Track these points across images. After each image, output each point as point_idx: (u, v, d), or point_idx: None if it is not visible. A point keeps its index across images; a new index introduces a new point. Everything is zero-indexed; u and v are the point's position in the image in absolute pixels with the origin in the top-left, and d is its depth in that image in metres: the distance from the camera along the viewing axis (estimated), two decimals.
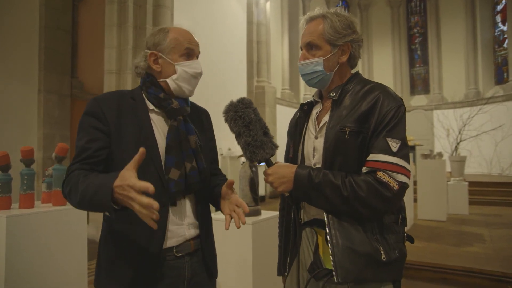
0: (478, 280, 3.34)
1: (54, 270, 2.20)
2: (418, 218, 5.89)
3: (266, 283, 2.45)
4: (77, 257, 2.32)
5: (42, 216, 2.16)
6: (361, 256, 1.08)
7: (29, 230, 2.09)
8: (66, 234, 2.26)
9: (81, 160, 1.16)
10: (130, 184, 0.94)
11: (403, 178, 1.10)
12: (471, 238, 4.60)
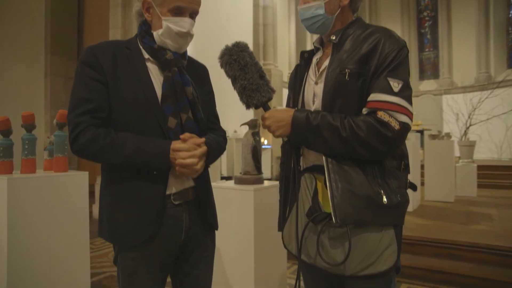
0: (485, 255, 3.30)
1: (56, 233, 2.21)
2: (425, 199, 5.84)
3: (267, 250, 2.45)
4: (78, 222, 2.33)
5: (44, 181, 2.16)
6: (361, 199, 1.05)
7: (30, 194, 2.09)
8: (67, 199, 2.26)
9: (88, 112, 1.15)
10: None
11: (404, 118, 1.06)
12: (478, 218, 4.54)
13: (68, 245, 2.28)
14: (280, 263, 2.60)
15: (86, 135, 1.13)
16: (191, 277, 1.33)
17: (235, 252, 2.41)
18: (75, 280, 2.33)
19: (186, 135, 1.18)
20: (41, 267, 2.15)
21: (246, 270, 2.35)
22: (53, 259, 2.21)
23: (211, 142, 1.27)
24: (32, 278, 2.12)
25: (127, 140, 1.15)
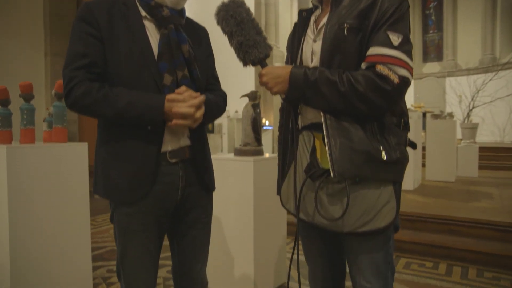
0: (485, 231, 3.31)
1: (56, 203, 2.21)
2: (426, 179, 5.84)
3: (267, 221, 2.46)
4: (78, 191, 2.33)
5: (43, 151, 2.15)
6: (360, 154, 1.04)
7: (30, 164, 2.09)
8: (67, 170, 2.26)
9: (83, 67, 1.13)
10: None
11: (404, 72, 1.03)
12: (479, 196, 4.54)
13: (69, 216, 2.29)
14: (279, 235, 2.62)
15: (80, 89, 1.12)
16: (188, 238, 1.34)
17: (235, 223, 2.41)
18: (77, 252, 2.35)
19: (181, 88, 1.16)
20: (43, 237, 2.17)
21: (246, 241, 2.36)
22: (54, 229, 2.22)
23: (208, 99, 1.25)
24: (34, 247, 2.13)
25: (121, 93, 1.13)
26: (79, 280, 2.38)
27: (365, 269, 1.13)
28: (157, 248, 1.29)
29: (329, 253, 1.30)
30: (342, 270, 1.35)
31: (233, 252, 2.44)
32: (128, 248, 1.21)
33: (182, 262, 1.37)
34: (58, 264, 2.25)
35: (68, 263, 2.30)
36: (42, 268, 2.18)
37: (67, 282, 2.31)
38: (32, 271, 2.14)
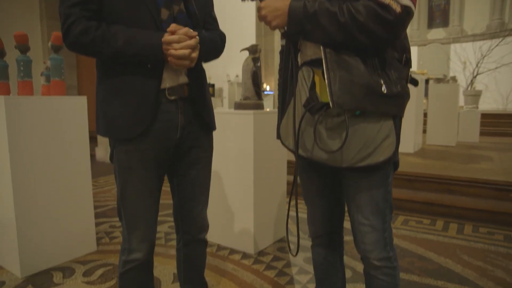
0: (482, 190, 3.34)
1: (57, 157, 2.23)
2: (427, 143, 5.84)
3: (267, 175, 2.47)
4: (79, 145, 2.34)
5: (42, 103, 2.14)
6: (360, 87, 1.02)
7: (29, 116, 2.08)
8: (67, 123, 2.26)
9: (78, 4, 1.11)
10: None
11: (407, 1, 0.99)
12: (479, 158, 4.56)
13: (70, 169, 2.31)
14: (279, 190, 2.64)
15: (77, 27, 1.11)
16: (188, 178, 1.35)
17: (235, 178, 2.43)
18: (80, 208, 2.39)
19: (172, 27, 1.14)
20: (45, 191, 2.19)
21: (246, 195, 2.39)
22: (56, 182, 2.24)
23: (204, 36, 1.23)
24: (37, 202, 2.17)
25: (118, 31, 1.12)
26: (83, 235, 2.44)
27: (363, 206, 1.14)
28: (157, 188, 1.30)
29: (328, 194, 1.31)
30: (341, 212, 1.36)
31: (233, 206, 2.48)
32: (128, 186, 1.22)
33: (182, 203, 1.39)
34: (62, 218, 2.30)
35: (72, 218, 2.35)
36: (46, 224, 2.22)
37: (72, 236, 2.36)
38: (37, 227, 2.18)
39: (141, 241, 1.27)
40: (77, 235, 2.39)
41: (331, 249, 1.37)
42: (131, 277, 1.32)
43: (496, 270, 2.19)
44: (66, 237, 2.33)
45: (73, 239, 2.37)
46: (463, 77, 9.66)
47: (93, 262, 2.33)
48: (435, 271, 2.18)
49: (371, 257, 1.16)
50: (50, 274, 2.17)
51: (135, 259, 1.29)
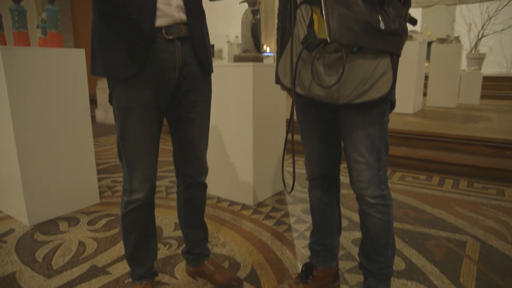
0: (479, 147, 3.38)
1: (57, 110, 2.24)
2: (427, 105, 5.83)
3: (266, 128, 2.49)
4: (79, 98, 2.34)
5: (39, 54, 2.12)
6: (358, 23, 1.01)
7: (27, 66, 2.07)
8: (66, 75, 2.25)
9: None
10: None
11: None
12: (478, 119, 4.57)
13: (71, 124, 2.33)
14: (279, 143, 2.67)
15: None
16: (187, 122, 1.36)
17: (234, 131, 2.46)
18: (81, 163, 2.44)
19: None
20: (47, 143, 2.22)
21: (245, 148, 2.42)
22: (58, 135, 2.27)
23: None
24: (40, 153, 2.20)
25: None
26: (87, 188, 2.50)
27: (360, 144, 1.16)
28: (156, 131, 1.31)
29: (326, 136, 1.33)
30: (338, 154, 1.39)
31: (233, 159, 2.52)
32: (127, 126, 1.24)
33: (182, 147, 1.42)
34: (65, 170, 2.34)
35: (74, 171, 2.40)
36: (50, 177, 2.27)
37: (76, 189, 2.42)
38: (41, 180, 2.23)
39: (142, 182, 1.31)
40: (80, 188, 2.45)
41: (327, 191, 1.41)
42: (133, 217, 1.37)
43: (487, 220, 2.26)
44: (70, 189, 2.39)
45: (77, 192, 2.43)
46: (467, 40, 9.46)
47: (96, 213, 2.40)
48: (428, 221, 2.25)
49: (366, 195, 1.20)
50: (56, 223, 2.25)
51: (136, 200, 1.33)
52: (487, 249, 1.90)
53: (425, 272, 1.70)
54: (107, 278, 1.68)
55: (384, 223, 1.24)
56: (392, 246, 1.32)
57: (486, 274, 1.69)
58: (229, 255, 1.87)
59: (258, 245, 1.96)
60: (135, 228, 1.40)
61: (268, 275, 1.68)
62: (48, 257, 1.86)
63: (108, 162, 3.61)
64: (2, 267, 1.77)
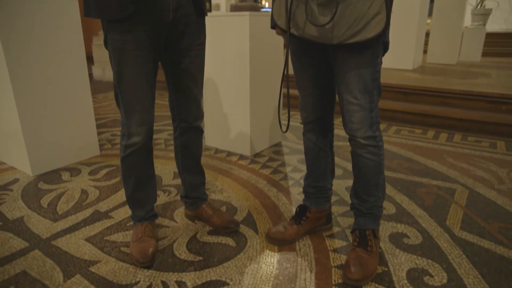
0: (476, 102, 3.39)
1: (54, 62, 2.23)
2: (427, 62, 5.76)
3: (263, 78, 2.50)
4: (75, 51, 2.33)
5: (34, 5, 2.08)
6: None
7: (18, 13, 2.03)
8: (60, 25, 2.22)
9: None
10: None
11: None
12: (477, 75, 4.54)
13: (68, 81, 2.33)
14: (276, 95, 2.68)
15: None
16: (182, 66, 1.37)
17: (231, 81, 2.46)
18: (81, 116, 2.46)
19: None
20: (45, 97, 2.23)
21: (242, 98, 2.44)
22: (56, 88, 2.28)
23: None
24: (39, 109, 2.22)
25: None
26: (87, 140, 2.54)
27: (352, 85, 1.18)
28: (152, 73, 1.32)
29: (320, 80, 1.35)
30: (331, 99, 1.42)
31: (230, 110, 2.54)
32: (123, 69, 1.25)
33: (177, 91, 1.43)
34: (65, 123, 2.37)
35: (74, 123, 2.43)
36: (50, 130, 2.31)
37: (76, 142, 2.47)
38: (42, 133, 2.27)
39: (139, 125, 1.34)
40: (80, 140, 2.49)
41: (321, 134, 1.45)
42: (132, 161, 1.42)
43: (477, 170, 2.32)
44: (71, 142, 2.43)
45: (77, 144, 2.47)
46: None
47: (97, 164, 2.46)
48: (421, 170, 2.32)
49: (358, 136, 1.24)
50: (58, 173, 2.31)
51: (134, 143, 1.37)
52: (475, 196, 1.98)
53: (414, 216, 1.78)
54: (109, 221, 1.76)
55: (375, 164, 1.29)
56: (382, 187, 1.38)
57: (471, 217, 1.77)
58: (226, 200, 1.94)
59: (254, 191, 2.03)
60: (134, 171, 1.45)
61: (264, 218, 1.77)
62: (53, 203, 1.93)
63: (107, 117, 3.63)
64: (11, 211, 1.85)
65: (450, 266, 1.41)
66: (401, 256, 1.47)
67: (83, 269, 1.41)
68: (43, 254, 1.51)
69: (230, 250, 1.52)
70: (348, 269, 1.31)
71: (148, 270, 1.40)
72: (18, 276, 1.38)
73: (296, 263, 1.43)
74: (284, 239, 1.52)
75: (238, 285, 1.32)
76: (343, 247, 1.53)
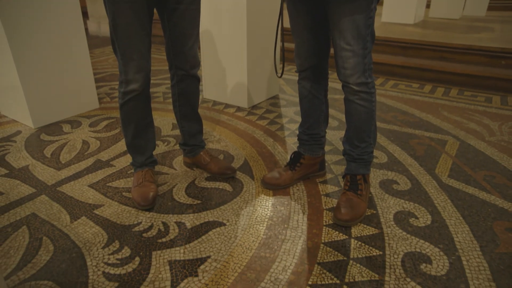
0: (476, 57, 3.37)
1: (49, 17, 2.20)
2: (429, 16, 5.62)
3: (260, 30, 2.47)
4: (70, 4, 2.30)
5: None
6: None
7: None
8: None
9: None
10: None
11: None
12: (480, 29, 4.46)
13: (64, 36, 2.31)
14: (273, 46, 2.66)
15: None
16: (178, 13, 1.37)
17: (228, 33, 2.44)
18: (79, 70, 2.46)
19: None
20: (43, 54, 2.22)
21: (239, 50, 2.43)
22: (53, 44, 2.26)
23: None
24: (37, 63, 2.22)
25: None
26: (86, 94, 2.57)
27: (346, 31, 1.20)
28: (147, 20, 1.33)
29: (315, 28, 1.36)
30: (326, 47, 1.43)
31: (228, 63, 2.54)
32: (118, 16, 1.26)
33: (173, 39, 1.44)
34: (64, 78, 2.39)
35: (72, 78, 2.44)
36: (49, 84, 2.33)
37: (76, 95, 2.50)
38: (41, 87, 2.29)
39: (137, 72, 1.36)
40: (80, 94, 2.52)
41: (315, 82, 1.48)
42: (130, 108, 1.46)
43: (470, 123, 2.37)
44: (70, 95, 2.46)
45: (76, 98, 2.50)
46: None
47: (97, 116, 2.50)
48: (415, 123, 2.36)
49: (350, 82, 1.27)
50: (59, 125, 2.36)
51: (132, 90, 1.40)
52: (465, 147, 2.04)
53: (405, 164, 1.85)
54: (111, 169, 1.83)
55: (367, 110, 1.33)
56: (374, 134, 1.43)
57: (459, 166, 1.84)
58: (223, 149, 2.00)
59: (251, 141, 2.09)
60: (133, 118, 1.49)
61: (260, 165, 1.83)
62: (55, 153, 1.99)
63: (105, 72, 3.62)
64: (16, 161, 1.91)
65: (435, 210, 1.50)
66: (390, 201, 1.55)
67: (88, 212, 1.50)
68: (50, 199, 1.59)
69: (227, 194, 1.60)
70: (339, 211, 1.39)
71: (149, 213, 1.49)
72: (28, 217, 1.47)
73: (289, 206, 1.51)
74: (278, 184, 1.59)
75: (234, 225, 1.40)
76: (335, 192, 1.61)
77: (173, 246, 1.30)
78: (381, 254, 1.26)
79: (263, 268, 1.19)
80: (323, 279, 1.15)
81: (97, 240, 1.33)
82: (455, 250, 1.27)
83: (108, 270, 1.19)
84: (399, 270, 1.19)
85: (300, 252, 1.26)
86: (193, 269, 1.19)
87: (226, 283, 1.14)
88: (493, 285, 1.13)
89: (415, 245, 1.30)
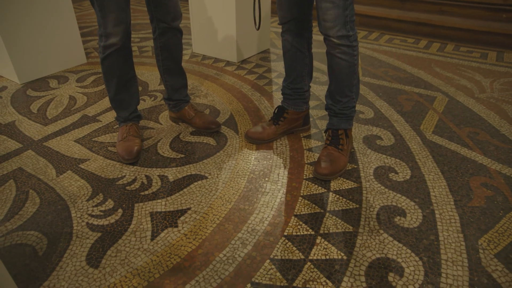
0: (475, 10, 3.25)
1: None
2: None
3: None
4: None
5: None
6: None
7: None
8: None
9: None
10: None
11: None
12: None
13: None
14: None
15: None
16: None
17: None
18: (63, 24, 2.39)
19: None
20: (24, 8, 2.15)
21: (228, 4, 2.35)
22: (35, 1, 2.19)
23: None
24: (18, 18, 2.14)
25: None
26: (72, 49, 2.52)
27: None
28: None
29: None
30: None
31: (216, 16, 2.46)
32: None
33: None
34: (48, 33, 2.33)
35: (57, 33, 2.38)
36: (34, 39, 2.27)
37: (62, 50, 2.45)
38: (25, 41, 2.23)
39: (116, 25, 1.32)
40: (66, 48, 2.46)
41: (298, 35, 1.44)
42: (112, 62, 1.43)
43: (462, 79, 2.34)
44: (56, 50, 2.41)
45: (63, 52, 2.45)
46: None
47: (84, 72, 2.46)
48: (405, 79, 2.33)
49: (331, 35, 1.23)
50: (46, 81, 2.33)
51: (113, 44, 1.37)
52: (453, 104, 2.02)
53: (391, 120, 1.85)
54: (97, 124, 1.83)
55: (348, 64, 1.31)
56: (356, 88, 1.41)
57: (445, 123, 1.84)
58: (210, 104, 2.00)
59: (238, 96, 2.07)
60: (115, 73, 1.47)
61: (245, 120, 1.84)
62: (42, 109, 1.98)
63: (93, 25, 3.52)
64: (2, 117, 1.91)
65: (415, 165, 1.52)
66: (372, 156, 1.57)
67: (74, 166, 1.52)
68: (36, 154, 1.60)
69: (210, 149, 1.62)
70: (319, 165, 1.41)
71: (133, 166, 1.51)
72: (15, 172, 1.49)
73: (272, 160, 1.53)
74: (262, 138, 1.60)
75: (216, 178, 1.43)
76: (318, 147, 1.62)
77: (155, 199, 1.33)
78: (357, 207, 1.29)
79: (241, 219, 1.23)
80: (298, 230, 1.19)
81: (81, 193, 1.37)
82: (430, 204, 1.31)
83: (92, 221, 1.23)
84: (373, 222, 1.23)
85: (278, 204, 1.30)
86: (173, 220, 1.24)
87: (204, 233, 1.18)
88: (461, 236, 1.17)
89: (392, 199, 1.33)
